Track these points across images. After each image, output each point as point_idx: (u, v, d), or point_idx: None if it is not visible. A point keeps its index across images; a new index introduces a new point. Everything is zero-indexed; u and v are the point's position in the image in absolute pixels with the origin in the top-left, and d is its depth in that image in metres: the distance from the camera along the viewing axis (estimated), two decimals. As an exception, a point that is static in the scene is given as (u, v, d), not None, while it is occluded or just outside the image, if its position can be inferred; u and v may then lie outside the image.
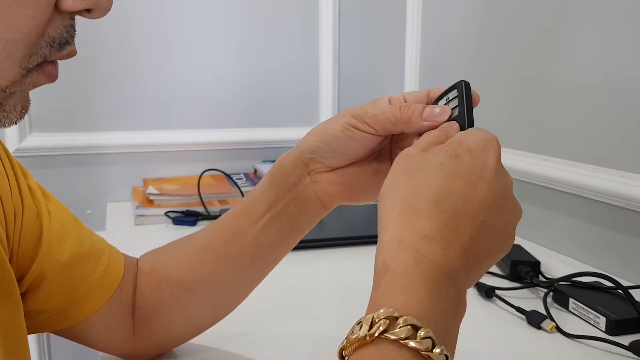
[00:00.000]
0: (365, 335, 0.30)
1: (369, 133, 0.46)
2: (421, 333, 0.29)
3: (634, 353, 0.58)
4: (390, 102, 0.47)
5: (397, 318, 0.30)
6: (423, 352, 0.29)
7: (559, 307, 0.70)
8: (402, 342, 0.29)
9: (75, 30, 0.34)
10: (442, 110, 0.44)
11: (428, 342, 0.29)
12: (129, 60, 1.27)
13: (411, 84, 1.31)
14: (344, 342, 0.31)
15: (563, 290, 0.70)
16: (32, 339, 1.25)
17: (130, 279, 0.53)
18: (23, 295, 0.46)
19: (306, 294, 0.75)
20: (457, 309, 0.34)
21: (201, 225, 1.05)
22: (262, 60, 1.37)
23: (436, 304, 0.32)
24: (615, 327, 0.62)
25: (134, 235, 1.02)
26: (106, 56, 1.25)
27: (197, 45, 1.32)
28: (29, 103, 0.35)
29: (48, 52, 0.33)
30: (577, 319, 0.67)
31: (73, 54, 0.35)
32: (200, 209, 1.10)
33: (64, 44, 0.33)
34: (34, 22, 0.31)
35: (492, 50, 1.04)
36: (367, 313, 0.32)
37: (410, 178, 0.37)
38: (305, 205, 0.49)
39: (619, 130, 0.79)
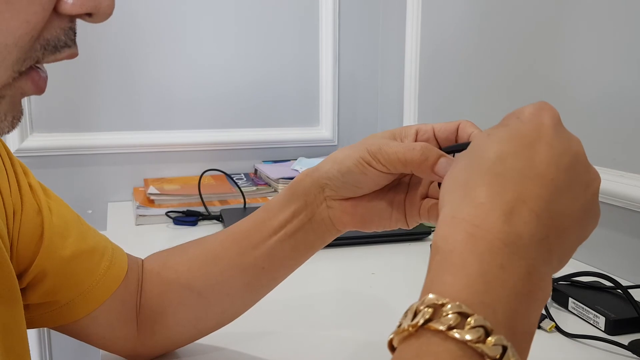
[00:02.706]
0: (409, 325, 0.26)
1: (381, 171, 0.45)
2: (471, 321, 0.25)
3: (634, 353, 0.58)
4: (417, 133, 0.46)
5: (442, 305, 0.26)
6: (473, 345, 0.25)
7: (558, 306, 0.70)
8: (447, 332, 0.25)
9: (75, 34, 0.33)
10: None
11: (479, 332, 0.25)
12: (130, 61, 1.28)
13: (411, 84, 1.31)
14: (392, 333, 0.28)
15: (562, 290, 0.70)
16: (33, 337, 1.25)
17: (134, 277, 0.53)
18: (24, 289, 0.47)
19: (306, 294, 0.75)
20: (534, 288, 0.28)
21: (201, 225, 1.06)
22: (262, 60, 1.37)
23: (496, 283, 0.27)
24: (614, 327, 0.62)
25: (135, 235, 1.02)
26: (108, 56, 1.25)
27: (197, 45, 1.32)
28: (21, 113, 0.34)
29: (41, 54, 0.32)
30: (576, 318, 0.67)
31: (73, 56, 0.34)
32: (201, 209, 1.10)
33: (60, 47, 0.33)
34: (27, 26, 0.30)
35: (491, 50, 1.04)
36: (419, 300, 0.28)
37: (462, 159, 0.34)
38: (319, 227, 0.50)
39: (618, 130, 0.79)
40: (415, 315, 0.27)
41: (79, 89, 1.25)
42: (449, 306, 0.26)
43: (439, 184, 0.44)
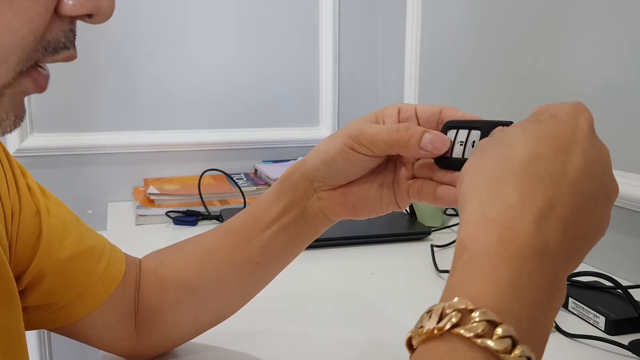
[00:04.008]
0: (434, 328, 0.25)
1: (366, 155, 0.44)
2: (499, 331, 0.24)
3: (634, 352, 0.58)
4: (399, 112, 0.46)
5: (471, 311, 0.25)
6: (500, 355, 0.24)
7: (558, 306, 0.70)
8: (474, 340, 0.24)
9: (75, 35, 0.33)
10: (443, 141, 0.41)
11: (507, 342, 0.24)
12: (130, 61, 1.28)
13: (411, 83, 1.31)
14: (412, 332, 0.27)
15: (563, 290, 0.70)
16: (33, 338, 1.25)
17: (132, 277, 0.53)
18: (22, 291, 0.46)
19: (306, 294, 0.75)
20: (553, 297, 0.28)
21: (202, 225, 1.06)
22: (262, 60, 1.37)
23: (523, 291, 0.26)
24: (614, 327, 0.62)
25: (135, 235, 1.02)
26: (108, 57, 1.25)
27: (197, 45, 1.32)
28: (24, 113, 0.35)
29: (41, 55, 0.32)
30: (576, 318, 0.67)
31: (71, 58, 0.34)
32: (201, 209, 1.10)
33: (60, 49, 0.33)
34: (29, 27, 0.30)
35: (491, 50, 1.04)
36: (441, 300, 0.27)
37: (491, 151, 0.33)
38: (312, 219, 0.50)
39: (618, 130, 0.79)
40: (441, 317, 0.26)
41: (79, 89, 1.25)
42: (478, 313, 0.25)
43: (440, 166, 0.43)
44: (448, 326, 0.25)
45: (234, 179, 1.28)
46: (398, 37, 1.36)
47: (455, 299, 0.26)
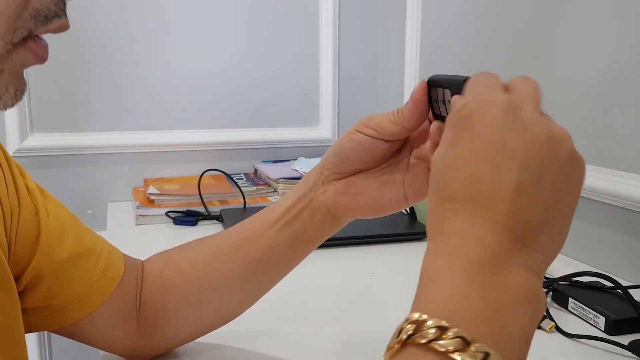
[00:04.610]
0: (394, 342, 0.28)
1: (371, 136, 0.46)
2: (450, 334, 0.26)
3: (634, 353, 0.58)
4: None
5: (424, 321, 0.27)
6: (451, 354, 0.26)
7: (558, 306, 0.70)
8: (428, 345, 0.26)
9: (65, 4, 0.33)
10: (417, 88, 0.44)
11: (457, 342, 0.26)
12: (130, 61, 1.28)
13: (411, 83, 1.31)
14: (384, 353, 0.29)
15: (562, 290, 0.70)
16: (33, 339, 1.25)
17: (132, 278, 0.53)
18: (21, 293, 0.46)
19: (306, 294, 0.75)
20: (518, 295, 0.29)
21: (201, 225, 1.06)
22: (262, 60, 1.37)
23: (476, 299, 0.28)
24: (614, 327, 0.62)
25: (135, 235, 1.02)
26: (108, 57, 1.25)
27: (197, 45, 1.32)
28: (24, 86, 0.34)
29: (33, 25, 0.32)
30: (576, 318, 0.67)
31: (64, 27, 0.34)
32: (201, 209, 1.10)
33: (51, 17, 0.33)
34: None
35: (491, 50, 1.04)
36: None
37: (431, 183, 0.34)
38: (316, 214, 0.50)
39: (618, 130, 0.79)
40: (399, 332, 0.28)
41: (79, 89, 1.25)
42: (430, 322, 0.27)
43: None
44: (404, 337, 0.27)
45: (234, 179, 1.28)
46: (398, 37, 1.36)
47: (412, 314, 0.28)
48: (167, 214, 1.08)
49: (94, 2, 1.21)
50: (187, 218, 1.06)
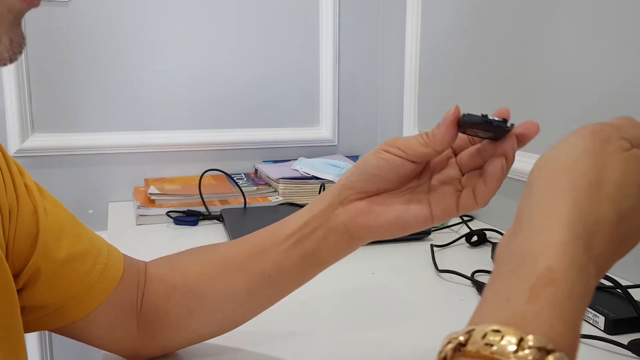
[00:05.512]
0: (510, 355, 0.25)
1: (398, 156, 0.46)
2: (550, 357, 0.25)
3: (633, 352, 0.58)
4: None
5: (549, 352, 0.25)
6: None
7: (558, 306, 0.70)
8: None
9: None
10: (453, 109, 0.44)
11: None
12: (130, 61, 1.28)
13: (411, 83, 1.31)
14: (495, 351, 0.25)
15: (562, 290, 0.70)
16: (33, 339, 1.26)
17: (132, 279, 0.53)
18: (19, 291, 0.47)
19: (305, 294, 0.75)
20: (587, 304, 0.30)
21: (202, 225, 1.06)
22: (263, 60, 1.38)
23: (577, 322, 0.28)
24: (614, 327, 0.62)
25: (136, 235, 1.02)
26: (108, 57, 1.26)
27: (197, 45, 1.32)
28: (22, 37, 0.33)
29: None
30: (576, 318, 0.67)
31: None
32: (202, 209, 1.10)
33: None
34: None
35: (491, 50, 1.04)
36: (503, 319, 0.27)
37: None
38: (332, 234, 0.49)
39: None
40: (519, 347, 0.25)
41: (80, 89, 1.25)
42: (554, 356, 0.25)
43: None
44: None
45: (235, 179, 1.28)
46: (398, 37, 1.36)
47: (536, 336, 0.25)
48: (167, 213, 1.08)
49: (97, 1, 1.22)
50: (188, 218, 1.06)
